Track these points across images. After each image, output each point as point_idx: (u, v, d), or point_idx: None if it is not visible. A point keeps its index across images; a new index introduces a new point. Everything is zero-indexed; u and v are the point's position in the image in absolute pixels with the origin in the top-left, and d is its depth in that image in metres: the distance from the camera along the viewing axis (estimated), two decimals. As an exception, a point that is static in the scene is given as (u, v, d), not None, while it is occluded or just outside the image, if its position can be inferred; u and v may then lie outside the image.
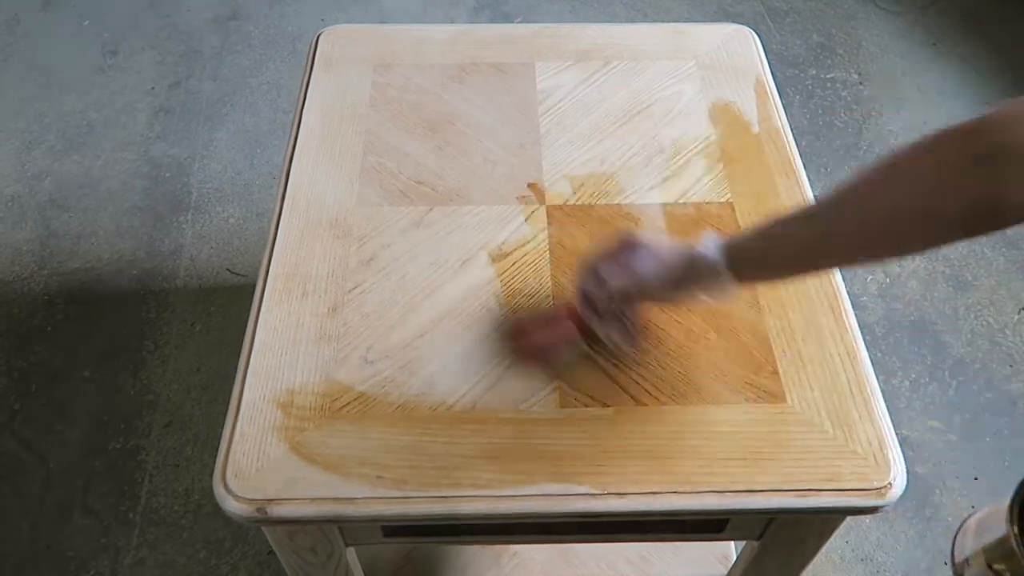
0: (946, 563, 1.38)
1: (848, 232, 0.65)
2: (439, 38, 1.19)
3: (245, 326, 0.87)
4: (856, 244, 0.66)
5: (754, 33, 1.20)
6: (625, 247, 0.79)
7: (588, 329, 0.82)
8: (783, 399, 0.82)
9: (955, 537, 0.81)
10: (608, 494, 0.75)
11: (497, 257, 0.93)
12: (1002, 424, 1.54)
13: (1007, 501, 1.18)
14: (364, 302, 0.89)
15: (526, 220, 0.97)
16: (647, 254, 0.77)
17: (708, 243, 0.73)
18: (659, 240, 0.79)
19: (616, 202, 0.99)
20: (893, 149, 0.61)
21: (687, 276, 0.75)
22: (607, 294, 0.79)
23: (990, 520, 0.81)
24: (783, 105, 1.11)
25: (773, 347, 0.85)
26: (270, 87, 2.10)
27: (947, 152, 0.57)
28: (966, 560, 0.79)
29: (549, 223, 0.97)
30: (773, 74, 1.15)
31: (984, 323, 1.68)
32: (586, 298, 0.81)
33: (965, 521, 0.84)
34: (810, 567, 0.92)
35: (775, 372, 0.84)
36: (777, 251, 0.71)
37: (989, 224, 0.57)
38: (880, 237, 0.63)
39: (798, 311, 0.88)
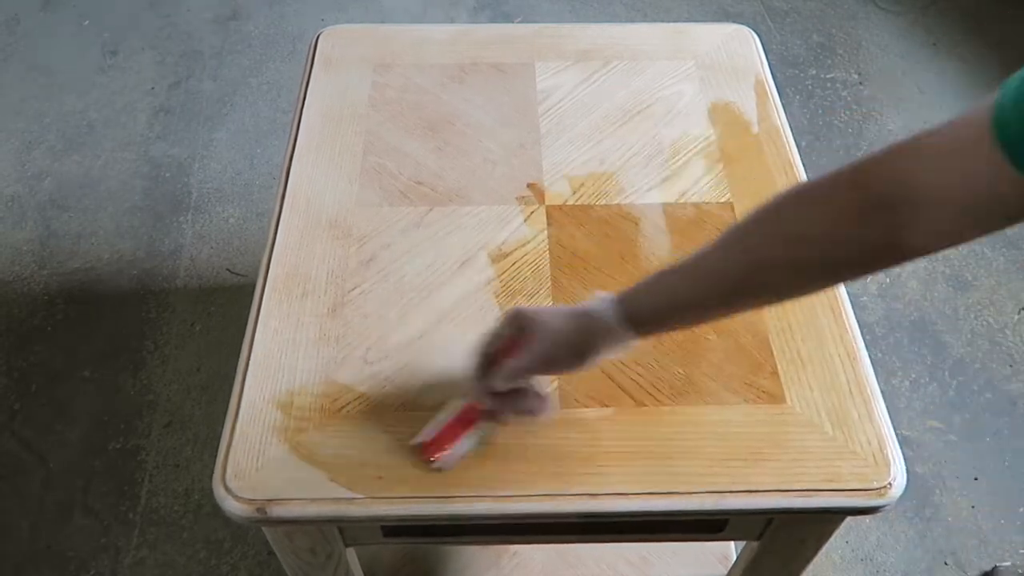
0: (946, 563, 1.38)
1: (737, 282, 0.65)
2: (439, 38, 1.19)
3: (245, 326, 0.87)
4: (750, 293, 0.66)
5: (754, 33, 1.20)
6: (516, 327, 0.74)
7: (491, 413, 0.77)
8: (783, 399, 0.82)
9: None
10: (608, 494, 0.75)
11: (497, 257, 0.93)
12: (1002, 424, 1.54)
13: None
14: (364, 302, 0.89)
15: (526, 220, 0.97)
16: (543, 330, 0.72)
17: (600, 302, 0.70)
18: (547, 312, 0.74)
19: (616, 202, 0.99)
20: (775, 194, 0.61)
21: (586, 342, 0.71)
22: (508, 379, 0.73)
23: None
24: (783, 105, 1.11)
25: (773, 347, 0.85)
26: (270, 87, 2.10)
27: (838, 202, 0.57)
28: None
29: (549, 223, 0.97)
30: (773, 74, 1.15)
31: (984, 323, 1.68)
32: (486, 388, 0.75)
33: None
34: (810, 567, 0.92)
35: (775, 372, 0.84)
36: (669, 304, 0.69)
37: (890, 263, 0.58)
38: (778, 284, 0.64)
39: (798, 311, 0.88)
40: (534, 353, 0.72)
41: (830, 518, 0.85)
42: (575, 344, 0.71)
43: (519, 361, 0.72)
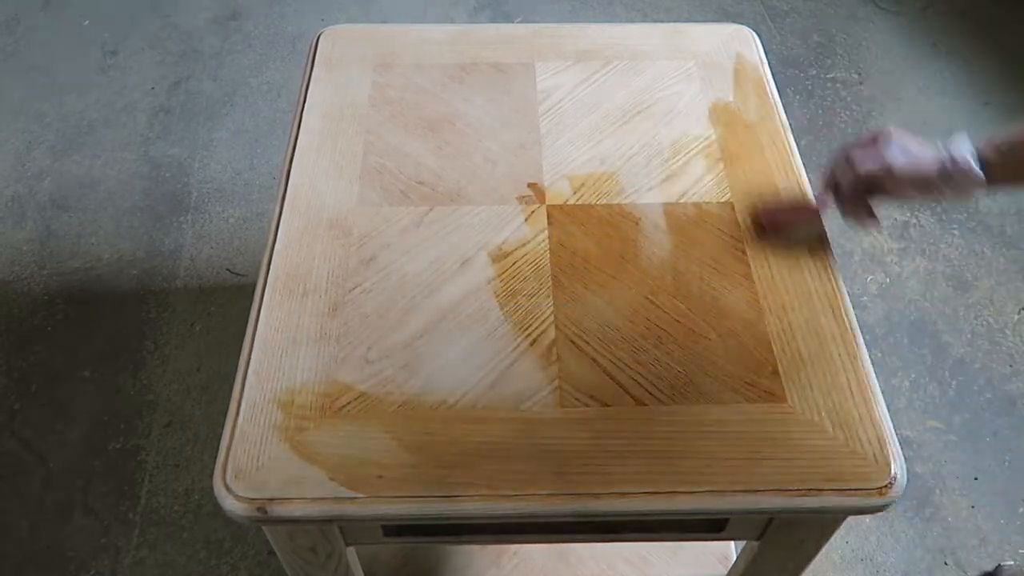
0: (946, 563, 1.38)
1: None
2: (439, 38, 1.19)
3: (245, 326, 0.87)
4: None
5: (754, 33, 1.20)
6: (881, 138, 0.84)
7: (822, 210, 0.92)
8: (783, 399, 0.82)
9: None
10: (608, 494, 0.75)
11: (497, 257, 0.93)
12: (1002, 424, 1.54)
13: None
14: (364, 302, 0.89)
15: (526, 220, 0.97)
16: (900, 148, 0.82)
17: (962, 147, 0.77)
18: (919, 140, 0.83)
19: (616, 202, 0.99)
20: None
21: (938, 183, 0.79)
22: (855, 177, 0.84)
23: None
24: (783, 105, 1.11)
25: (773, 347, 0.85)
26: (270, 87, 2.10)
27: None
28: None
29: (549, 223, 0.97)
30: (773, 74, 1.15)
31: (984, 323, 1.68)
32: (834, 182, 0.88)
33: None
34: (810, 567, 0.92)
35: (775, 372, 0.84)
36: None
37: None
38: None
39: (798, 311, 0.88)
40: (884, 163, 0.82)
41: (830, 518, 0.85)
42: (925, 177, 0.80)
43: (871, 158, 0.83)
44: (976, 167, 0.76)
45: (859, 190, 0.86)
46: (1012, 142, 0.76)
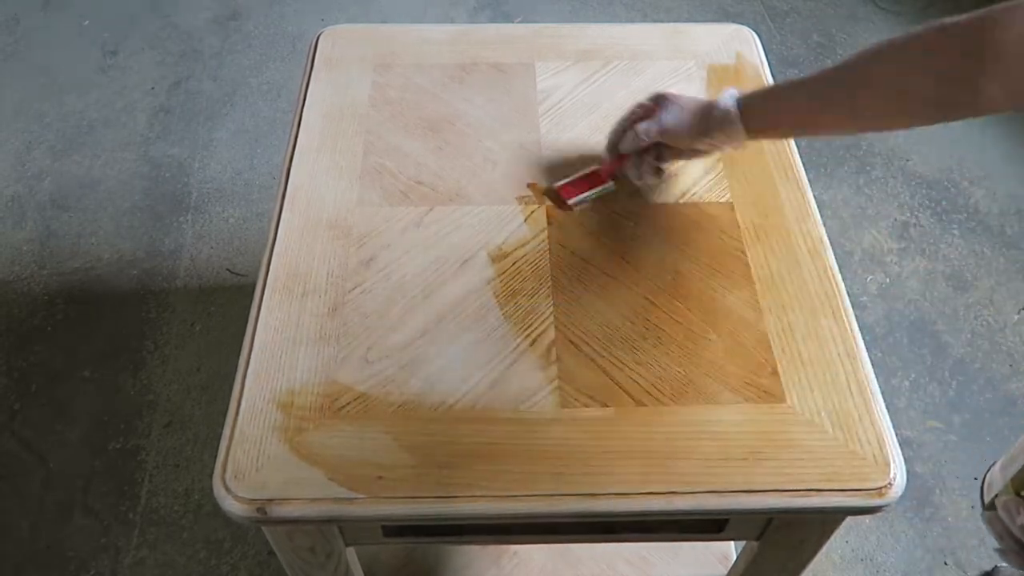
0: (946, 563, 1.38)
1: (840, 104, 0.77)
2: (439, 38, 1.19)
3: (245, 326, 0.87)
4: (846, 115, 0.78)
5: (754, 33, 1.20)
6: (654, 101, 0.92)
7: (614, 173, 0.98)
8: (783, 399, 0.82)
9: (983, 483, 0.84)
10: (608, 494, 0.75)
11: (497, 257, 0.93)
12: (1002, 424, 1.54)
13: None
14: (364, 302, 0.89)
15: (526, 220, 0.97)
16: (673, 106, 0.90)
17: (727, 96, 0.85)
18: (681, 95, 0.92)
19: (616, 202, 0.99)
20: (899, 36, 0.70)
21: (706, 125, 0.86)
22: (635, 140, 0.92)
23: (1015, 454, 0.83)
24: (783, 105, 1.10)
25: (773, 347, 0.85)
26: (270, 87, 2.10)
27: (939, 42, 0.66)
28: (995, 496, 0.81)
29: (549, 223, 0.97)
30: (773, 74, 1.15)
31: (984, 323, 1.68)
32: (613, 144, 0.96)
33: (991, 467, 0.86)
34: (810, 567, 0.92)
35: (775, 372, 0.84)
36: (780, 112, 0.84)
37: (964, 111, 0.67)
38: (868, 111, 0.75)
39: (798, 311, 0.88)
40: (659, 119, 0.90)
41: (830, 518, 0.85)
42: (694, 122, 0.88)
43: (646, 123, 0.91)
44: (735, 109, 0.84)
45: (641, 151, 0.93)
46: (766, 89, 0.88)
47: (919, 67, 0.69)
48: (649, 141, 0.91)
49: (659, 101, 0.91)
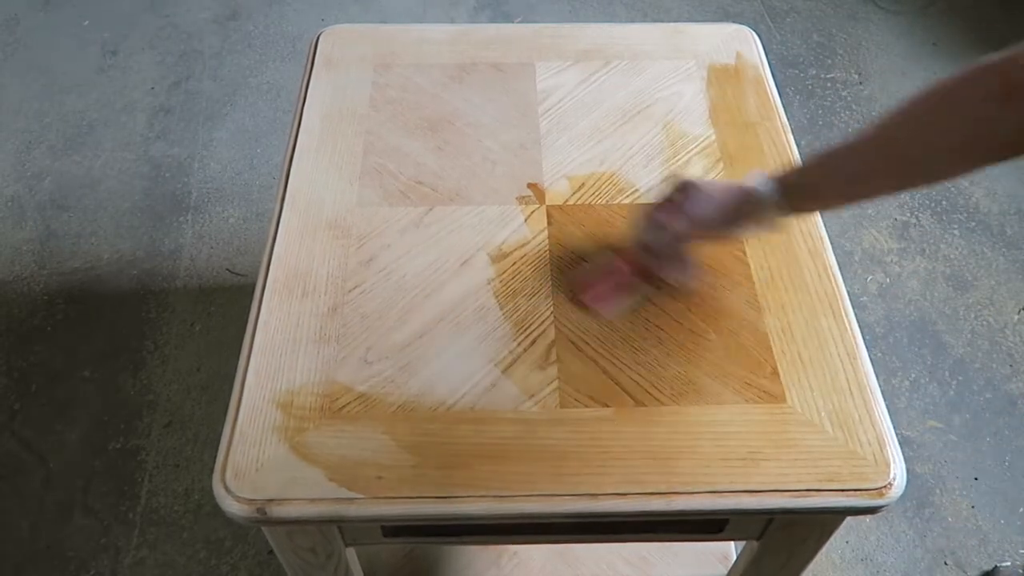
0: (946, 563, 1.38)
1: (895, 166, 0.71)
2: (439, 38, 1.19)
3: (245, 326, 0.87)
4: (902, 175, 0.73)
5: (754, 33, 1.20)
6: (679, 192, 0.85)
7: (646, 272, 0.89)
8: (783, 399, 0.82)
9: None
10: (608, 494, 0.75)
11: (497, 257, 0.93)
12: (1002, 424, 1.54)
13: None
14: (364, 302, 0.89)
15: (526, 220, 0.97)
16: (702, 196, 0.84)
17: (759, 179, 0.80)
18: (709, 182, 0.87)
19: (616, 202, 0.99)
20: (923, 88, 0.68)
21: (741, 213, 0.82)
22: (666, 240, 0.86)
23: None
24: (783, 105, 1.11)
25: (773, 347, 0.85)
26: (270, 87, 2.10)
27: (981, 87, 0.63)
28: None
29: (549, 223, 0.97)
30: (773, 74, 1.15)
31: (984, 323, 1.68)
32: (645, 245, 0.88)
33: None
34: (810, 567, 0.92)
35: (775, 372, 0.84)
36: (828, 184, 0.78)
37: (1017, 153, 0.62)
38: (923, 169, 0.70)
39: (798, 311, 0.88)
40: (689, 214, 0.83)
41: (830, 518, 0.85)
42: (730, 214, 0.82)
43: (676, 221, 0.84)
44: (767, 191, 0.79)
45: (673, 247, 0.87)
46: (802, 167, 0.81)
47: (971, 120, 0.65)
48: (682, 239, 0.86)
49: (685, 191, 0.85)
